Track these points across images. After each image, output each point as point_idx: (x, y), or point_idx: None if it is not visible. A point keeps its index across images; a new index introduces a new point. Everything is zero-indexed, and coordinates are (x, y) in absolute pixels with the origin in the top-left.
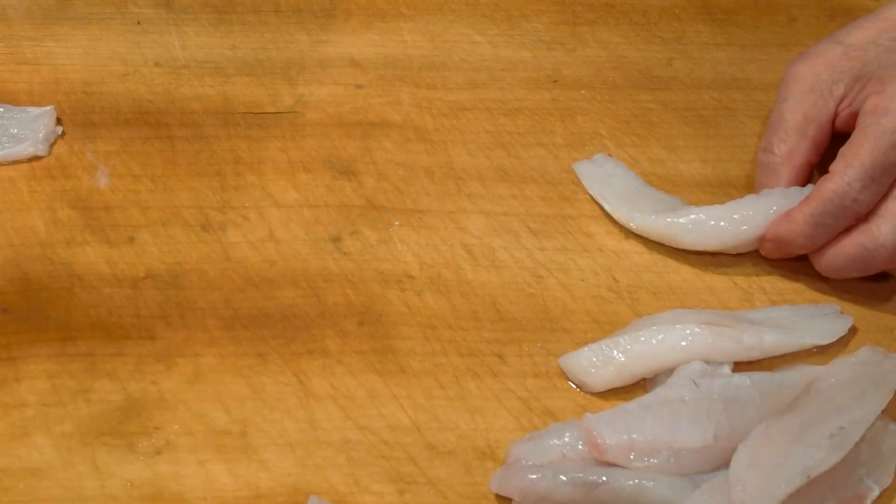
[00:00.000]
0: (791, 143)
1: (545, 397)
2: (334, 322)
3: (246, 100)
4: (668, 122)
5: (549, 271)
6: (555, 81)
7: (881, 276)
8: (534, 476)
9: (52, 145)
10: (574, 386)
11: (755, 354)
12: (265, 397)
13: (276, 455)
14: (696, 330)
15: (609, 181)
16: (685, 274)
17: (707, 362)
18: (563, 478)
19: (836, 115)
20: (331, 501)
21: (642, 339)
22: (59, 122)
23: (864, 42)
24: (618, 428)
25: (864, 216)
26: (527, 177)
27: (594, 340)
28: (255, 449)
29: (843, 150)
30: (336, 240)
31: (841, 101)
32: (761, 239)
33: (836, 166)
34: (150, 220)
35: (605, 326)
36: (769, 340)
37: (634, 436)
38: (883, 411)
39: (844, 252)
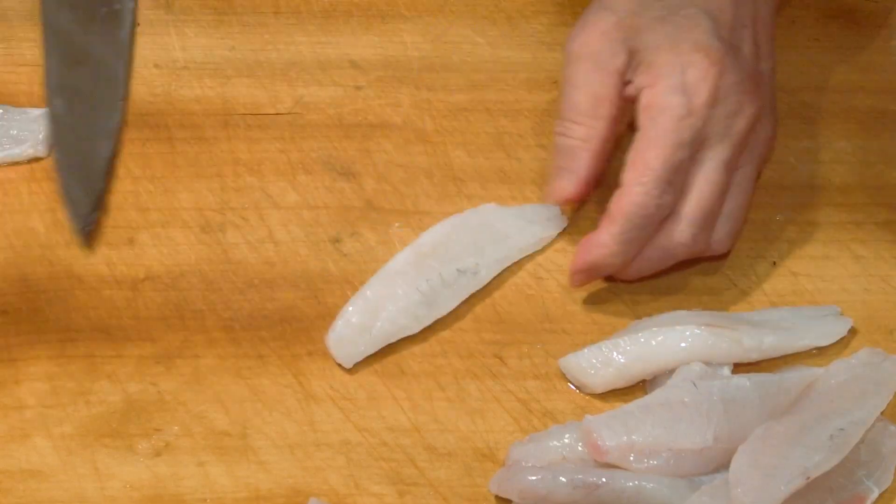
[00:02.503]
0: (587, 126)
1: (545, 399)
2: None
3: (245, 101)
4: None
5: (549, 272)
6: (555, 82)
7: (880, 277)
8: (534, 477)
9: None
10: (574, 387)
11: (755, 356)
12: (265, 399)
13: (275, 457)
14: (696, 331)
15: None
16: (685, 275)
17: (707, 364)
18: (563, 479)
19: (624, 85)
20: (330, 503)
21: (642, 340)
22: None
23: (634, 7)
24: (617, 429)
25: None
26: (527, 178)
27: (594, 342)
28: (254, 450)
29: (630, 158)
30: (336, 241)
31: (625, 73)
32: (570, 273)
33: (628, 177)
34: (149, 222)
35: (605, 328)
36: (769, 342)
37: (634, 437)
38: (883, 413)
39: (648, 257)
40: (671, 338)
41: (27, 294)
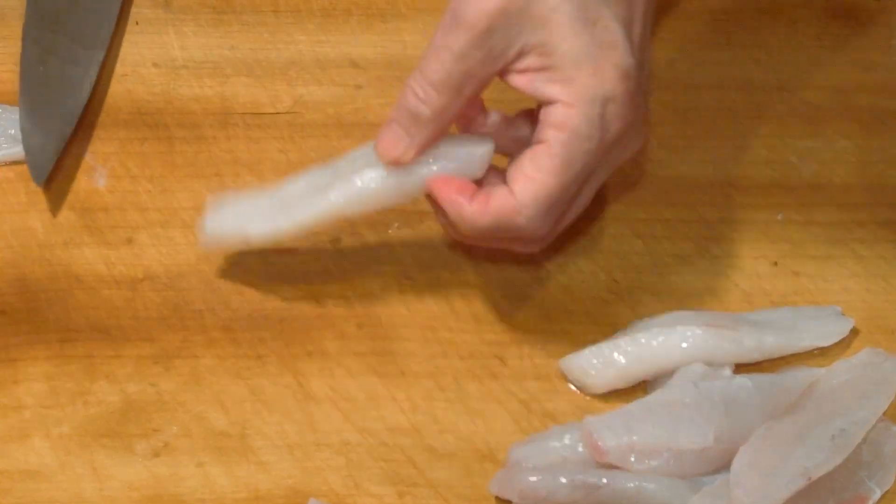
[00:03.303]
0: (447, 100)
1: (545, 399)
2: (333, 324)
3: (244, 100)
4: (669, 123)
5: (550, 273)
6: None
7: (882, 276)
8: (534, 478)
9: None
10: (574, 388)
11: (756, 356)
12: (264, 399)
13: (275, 457)
14: (697, 332)
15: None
16: (686, 275)
17: (708, 364)
18: (564, 480)
19: (503, 70)
20: (330, 503)
21: (643, 340)
22: None
23: None
24: (618, 430)
25: None
26: None
27: (594, 342)
28: (253, 451)
29: (527, 169)
30: (335, 241)
31: (513, 62)
32: (428, 185)
33: (521, 190)
34: (148, 222)
35: (606, 328)
36: (770, 342)
37: (635, 438)
38: (884, 413)
39: (489, 245)
40: (672, 338)
41: (26, 294)
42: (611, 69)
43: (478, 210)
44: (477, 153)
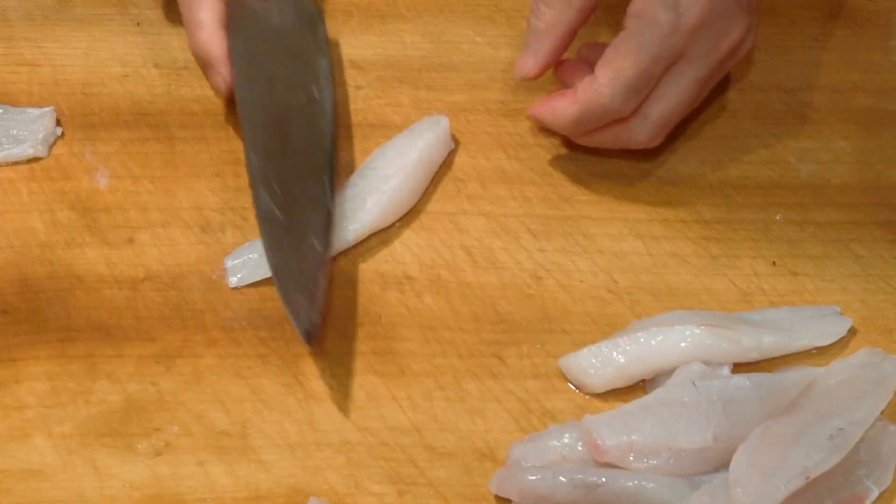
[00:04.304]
0: (557, 12)
1: (545, 398)
2: (334, 323)
3: None
4: None
5: (549, 273)
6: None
7: (880, 276)
8: (533, 477)
9: (52, 146)
10: (573, 387)
11: (754, 356)
12: (265, 398)
13: (275, 456)
14: (696, 331)
15: None
16: (684, 275)
17: (706, 363)
18: (563, 479)
19: None
20: (330, 503)
21: (641, 340)
22: (58, 123)
23: None
24: (617, 429)
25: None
26: (526, 178)
27: (594, 342)
28: (254, 450)
29: (608, 55)
30: None
31: None
32: (528, 114)
33: (601, 73)
34: (149, 222)
35: (605, 328)
36: (768, 342)
37: (634, 437)
38: (882, 412)
39: (603, 138)
40: (671, 338)
41: (27, 294)
42: None
43: (567, 102)
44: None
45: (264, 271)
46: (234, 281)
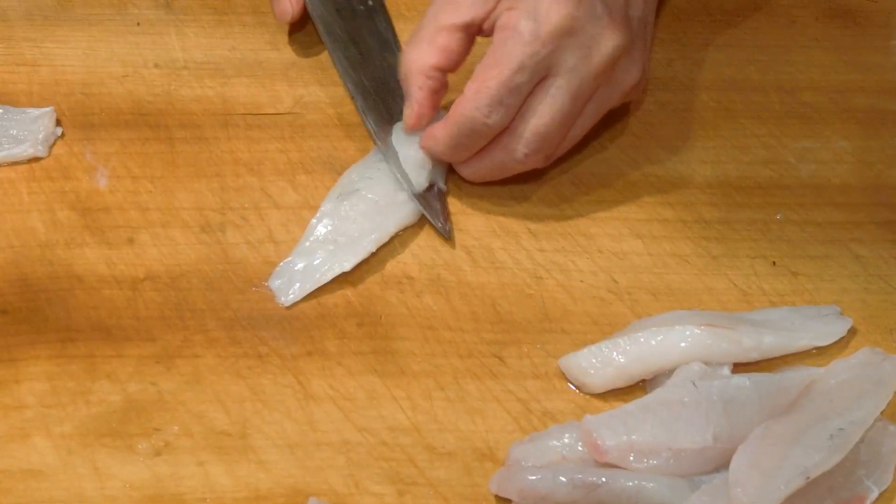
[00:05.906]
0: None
1: (545, 398)
2: (334, 323)
3: (245, 101)
4: (668, 123)
5: (549, 272)
6: None
7: (880, 276)
8: (533, 477)
9: (52, 146)
10: (573, 387)
11: (754, 355)
12: (265, 398)
13: (275, 456)
14: (696, 331)
15: None
16: (684, 275)
17: (706, 363)
18: (563, 479)
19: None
20: (330, 503)
21: (642, 340)
22: (58, 123)
23: None
24: (617, 429)
25: (501, 132)
26: (526, 178)
27: (594, 342)
28: (254, 450)
29: (476, 70)
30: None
31: (493, 9)
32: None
33: (467, 87)
34: (149, 222)
35: (605, 328)
36: (768, 342)
37: (634, 437)
38: (882, 412)
39: (485, 165)
40: (671, 337)
41: (27, 294)
42: None
43: (441, 124)
44: None
45: (314, 278)
46: (290, 298)
